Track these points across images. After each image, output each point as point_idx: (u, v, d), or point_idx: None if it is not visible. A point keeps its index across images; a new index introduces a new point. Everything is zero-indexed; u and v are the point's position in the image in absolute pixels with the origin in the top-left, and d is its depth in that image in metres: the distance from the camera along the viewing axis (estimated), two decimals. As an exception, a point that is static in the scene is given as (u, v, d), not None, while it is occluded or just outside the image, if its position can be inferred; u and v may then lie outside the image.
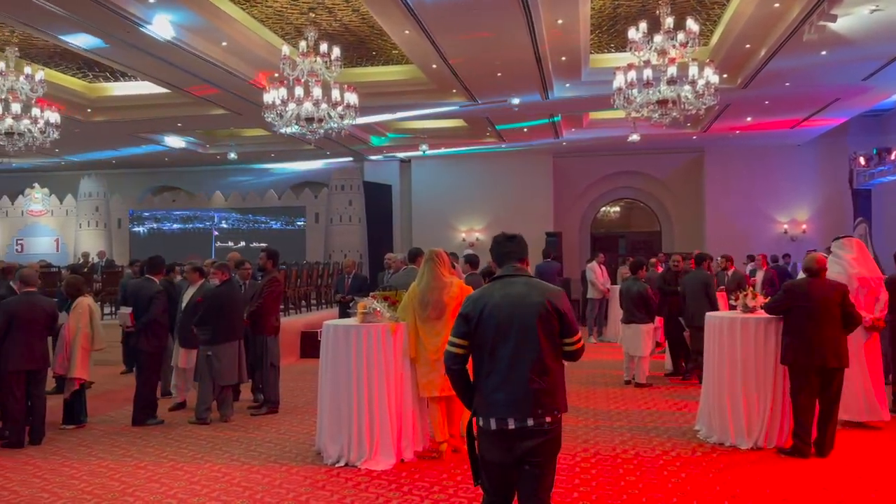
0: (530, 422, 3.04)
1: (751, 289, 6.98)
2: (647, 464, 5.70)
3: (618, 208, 19.35)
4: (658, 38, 8.14)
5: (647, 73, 8.20)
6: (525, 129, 15.32)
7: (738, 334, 6.13)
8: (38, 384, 6.69)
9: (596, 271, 13.79)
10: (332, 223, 18.46)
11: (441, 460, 5.74)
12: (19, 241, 19.66)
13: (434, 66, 10.73)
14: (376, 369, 5.68)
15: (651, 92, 8.28)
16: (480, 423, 3.13)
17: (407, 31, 9.31)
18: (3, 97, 9.53)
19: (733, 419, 6.11)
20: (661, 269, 11.09)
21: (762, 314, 6.15)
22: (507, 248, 3.33)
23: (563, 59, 10.52)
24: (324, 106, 9.00)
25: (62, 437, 6.86)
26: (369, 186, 18.56)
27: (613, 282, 13.86)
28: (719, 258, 11.19)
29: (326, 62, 8.80)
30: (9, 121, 9.57)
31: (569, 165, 18.49)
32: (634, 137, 13.77)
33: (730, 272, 10.82)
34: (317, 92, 8.84)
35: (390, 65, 11.99)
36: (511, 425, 3.03)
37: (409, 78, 12.05)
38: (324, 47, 8.77)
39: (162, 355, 7.74)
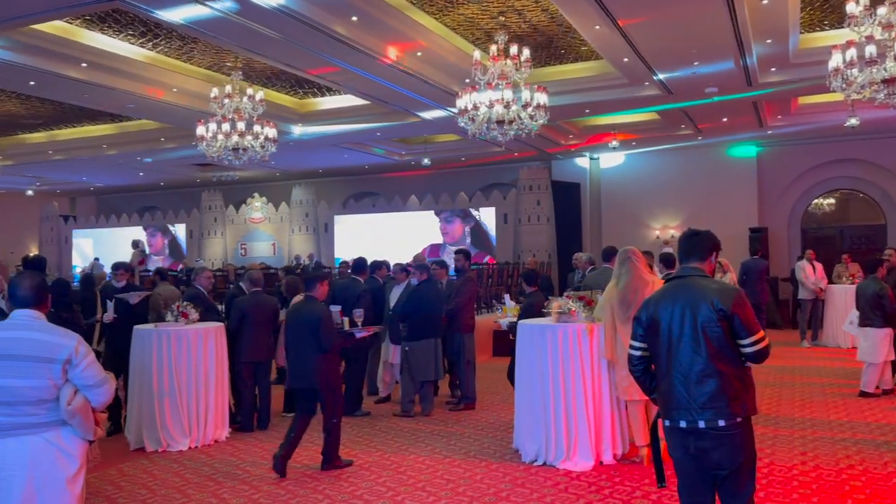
0: (701, 424, 3.04)
1: None
2: (877, 481, 5.14)
3: (832, 200, 17.59)
4: (882, 11, 7.30)
5: (871, 49, 7.38)
6: (724, 120, 14.45)
7: None
8: (264, 374, 7.42)
9: (806, 270, 12.65)
10: (520, 223, 18.59)
11: (642, 465, 5.58)
12: (243, 246, 21.89)
13: (626, 59, 10.45)
14: (572, 370, 5.64)
15: (875, 70, 7.45)
16: (666, 423, 3.17)
17: (597, 27, 9.16)
18: (230, 117, 10.65)
19: None
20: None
21: None
22: (687, 245, 3.32)
23: (769, 41, 9.78)
24: (514, 107, 9.09)
25: (284, 423, 7.50)
26: (557, 185, 18.46)
27: (830, 281, 12.66)
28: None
29: (516, 64, 8.89)
30: (235, 138, 10.67)
31: (775, 155, 17.14)
32: (853, 122, 12.45)
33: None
34: (507, 94, 8.95)
35: (579, 62, 11.86)
36: (683, 425, 3.08)
37: (599, 73, 11.82)
38: (513, 49, 8.87)
39: (368, 350, 8.25)
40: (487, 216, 19.09)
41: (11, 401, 3.00)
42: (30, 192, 22.73)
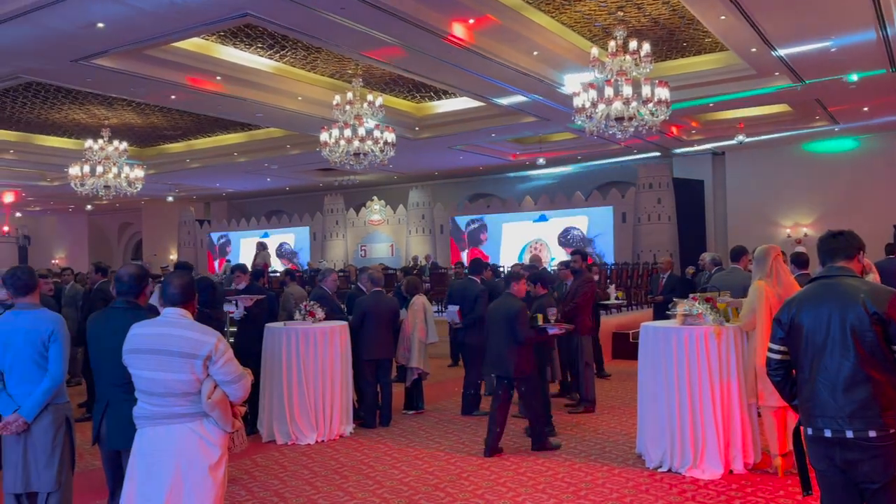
0: (849, 434, 2.82)
1: None
2: None
3: None
4: None
5: None
6: (865, 109, 13.45)
7: None
8: (385, 372, 7.61)
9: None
10: (639, 222, 18.09)
11: (776, 476, 5.28)
12: (363, 248, 22.57)
13: (753, 49, 9.95)
14: (699, 373, 5.43)
15: None
16: (808, 432, 2.98)
17: (723, 17, 8.78)
18: (351, 123, 11.02)
19: None
20: None
21: None
22: (831, 245, 3.10)
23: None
24: (634, 104, 8.87)
25: (404, 421, 7.71)
26: (679, 183, 17.83)
27: None
28: None
29: (636, 59, 8.67)
30: (356, 143, 11.04)
31: (922, 145, 15.79)
32: None
33: None
34: (627, 90, 8.75)
35: (703, 54, 11.40)
36: (828, 434, 2.86)
37: (725, 65, 11.34)
38: (633, 44, 8.65)
39: (486, 350, 8.28)
40: (604, 215, 18.70)
41: (161, 392, 3.24)
42: (170, 198, 24.47)
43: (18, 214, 27.24)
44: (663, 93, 8.96)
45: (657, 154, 17.98)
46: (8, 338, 3.83)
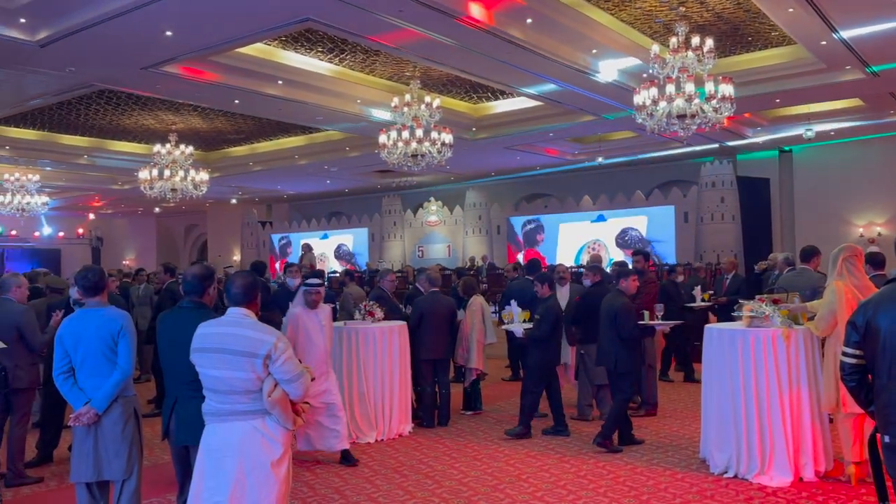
0: None
1: None
2: None
3: None
4: None
5: None
6: (945, 102, 12.83)
7: None
8: (443, 372, 7.63)
9: None
10: (702, 222, 17.66)
11: (849, 485, 5.08)
12: (420, 248, 22.69)
13: (823, 42, 9.60)
14: (766, 377, 5.27)
15: None
16: (885, 439, 2.89)
17: (791, 10, 8.49)
18: (408, 124, 11.10)
19: None
20: None
21: None
22: None
23: None
24: (696, 101, 8.67)
25: (463, 421, 7.72)
26: (744, 181, 17.33)
27: None
28: None
29: (698, 55, 8.47)
30: (414, 144, 11.11)
31: None
32: None
33: None
34: (689, 87, 8.56)
35: (769, 48, 11.06)
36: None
37: (792, 60, 10.96)
38: (695, 40, 8.46)
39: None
40: (665, 215, 18.33)
41: (225, 390, 3.33)
42: (233, 201, 25.11)
43: (92, 217, 28.39)
44: (727, 89, 8.73)
45: (720, 152, 17.52)
46: (79, 334, 3.99)
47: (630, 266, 8.76)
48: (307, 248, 17.22)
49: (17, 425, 5.71)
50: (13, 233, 25.04)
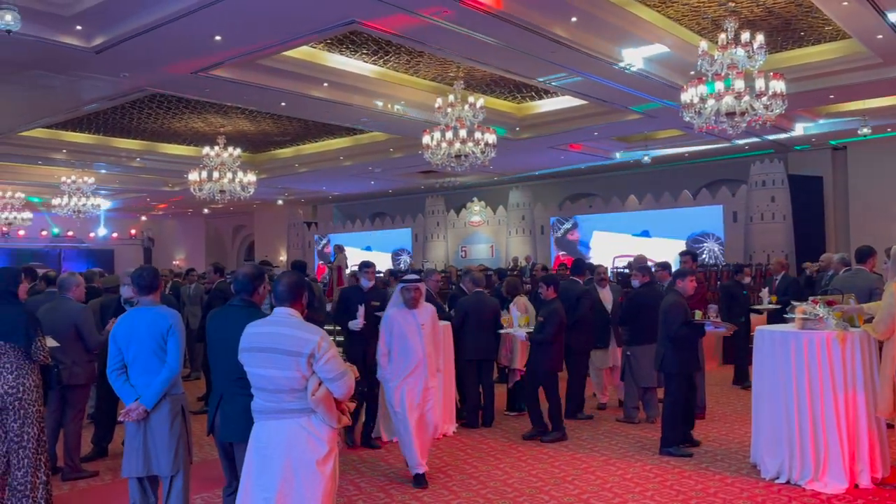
0: None
1: None
2: None
3: None
4: None
5: None
6: None
7: None
8: (486, 373, 7.62)
9: None
10: (751, 221, 17.27)
11: (908, 493, 4.92)
12: (463, 248, 22.69)
13: (879, 36, 9.30)
14: (820, 381, 5.12)
15: None
16: None
17: (845, 3, 8.26)
18: (452, 125, 11.10)
19: None
20: None
21: None
22: None
23: None
24: (746, 98, 8.48)
25: (506, 422, 7.69)
26: (795, 180, 16.89)
27: None
28: None
29: (748, 52, 8.29)
30: (457, 145, 11.11)
31: None
32: None
33: None
34: (738, 84, 8.38)
35: (822, 43, 10.76)
36: None
37: (847, 54, 10.65)
38: (745, 36, 8.28)
39: (589, 353, 8.14)
40: (713, 214, 17.97)
41: (272, 388, 3.38)
42: (279, 202, 25.48)
43: (144, 218, 29.14)
44: (778, 85, 8.51)
45: (771, 150, 17.11)
46: (131, 332, 4.10)
47: (677, 267, 8.63)
48: (339, 250, 17.31)
49: (73, 421, 5.89)
50: (69, 234, 25.86)
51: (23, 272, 5.31)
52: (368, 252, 24.74)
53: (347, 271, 15.63)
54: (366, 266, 6.84)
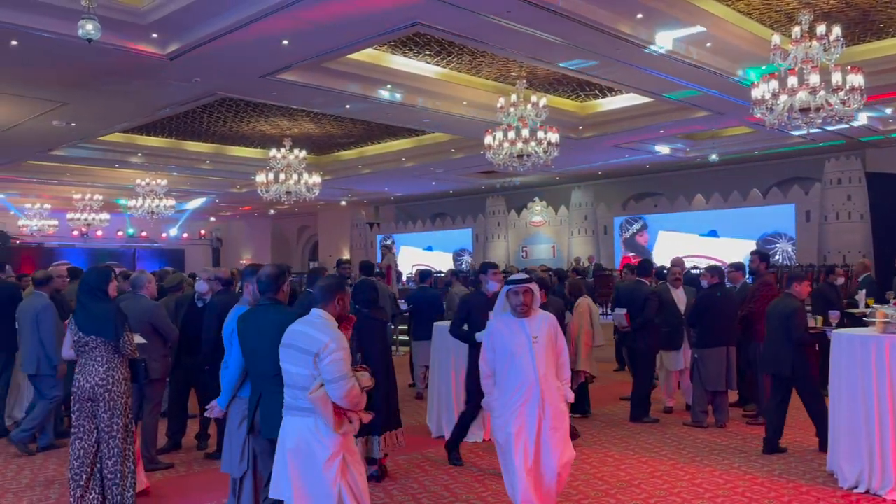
0: None
1: None
2: None
3: None
4: None
5: None
6: None
7: None
8: (550, 374, 7.55)
9: None
10: (826, 221, 16.64)
11: None
12: (524, 249, 22.58)
13: (965, 25, 8.85)
14: (903, 388, 4.90)
15: None
16: None
17: (928, -9, 7.88)
18: (515, 124, 11.07)
19: None
20: None
21: None
22: None
23: None
24: (821, 93, 8.17)
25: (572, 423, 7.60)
26: (874, 177, 16.19)
27: None
28: None
29: (823, 45, 7.99)
30: (520, 144, 11.07)
31: None
32: None
33: None
34: (813, 79, 8.09)
35: (903, 34, 10.31)
36: None
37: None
38: (820, 29, 7.98)
39: (655, 355, 7.99)
40: (785, 213, 17.39)
41: (292, 384, 3.50)
42: (343, 203, 25.87)
43: (212, 219, 30.04)
44: (857, 79, 8.18)
45: (848, 147, 16.44)
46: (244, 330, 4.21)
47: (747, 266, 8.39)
48: (388, 249, 17.26)
49: (150, 414, 6.11)
50: (143, 234, 26.87)
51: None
52: (430, 252, 24.91)
53: (398, 270, 15.66)
54: (491, 267, 6.10)
